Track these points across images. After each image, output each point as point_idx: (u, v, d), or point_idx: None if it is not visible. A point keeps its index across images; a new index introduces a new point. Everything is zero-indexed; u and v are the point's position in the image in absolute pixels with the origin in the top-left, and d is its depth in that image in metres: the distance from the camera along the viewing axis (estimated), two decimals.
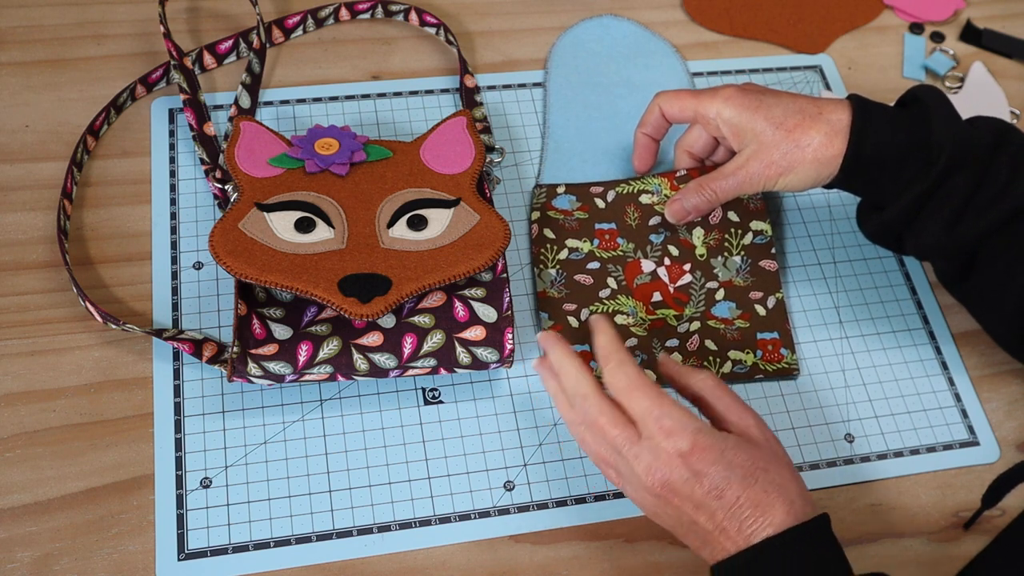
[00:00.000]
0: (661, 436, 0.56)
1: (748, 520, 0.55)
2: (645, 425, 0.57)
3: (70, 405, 0.65)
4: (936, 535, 0.67)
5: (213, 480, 0.63)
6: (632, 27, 0.88)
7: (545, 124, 0.81)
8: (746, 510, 0.55)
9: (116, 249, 0.71)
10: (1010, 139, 0.66)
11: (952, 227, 0.64)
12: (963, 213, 0.64)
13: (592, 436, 0.59)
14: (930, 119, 0.65)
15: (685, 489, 0.56)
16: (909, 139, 0.65)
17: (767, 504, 0.55)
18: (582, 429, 0.60)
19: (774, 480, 0.56)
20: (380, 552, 0.62)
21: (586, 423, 0.59)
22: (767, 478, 0.56)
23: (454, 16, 0.87)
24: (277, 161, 0.69)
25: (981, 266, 0.65)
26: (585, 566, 0.63)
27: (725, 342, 0.71)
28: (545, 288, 0.72)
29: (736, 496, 0.55)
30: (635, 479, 0.57)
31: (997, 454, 0.70)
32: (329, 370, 0.63)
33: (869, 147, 0.65)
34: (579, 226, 0.74)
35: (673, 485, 0.56)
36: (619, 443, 0.57)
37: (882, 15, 0.94)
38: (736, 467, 0.56)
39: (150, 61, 0.80)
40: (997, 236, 0.64)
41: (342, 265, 0.63)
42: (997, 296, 0.65)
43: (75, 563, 0.59)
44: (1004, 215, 0.64)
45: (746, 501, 0.55)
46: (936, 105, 0.66)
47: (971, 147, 0.64)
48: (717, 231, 0.75)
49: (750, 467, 0.56)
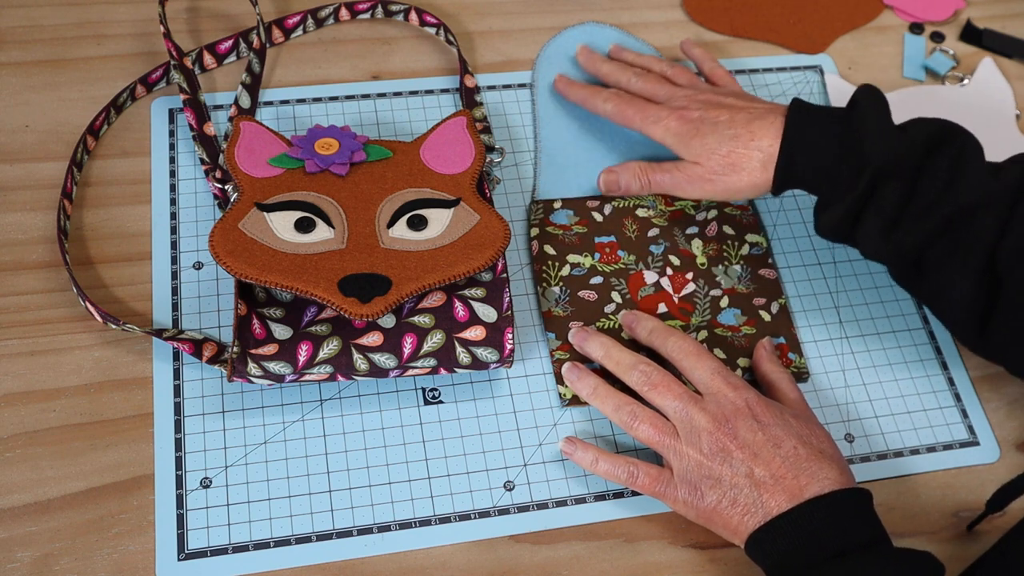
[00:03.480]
0: (728, 388, 0.63)
1: (806, 470, 0.59)
2: (712, 382, 0.63)
3: (70, 405, 0.65)
4: (936, 535, 0.67)
5: (213, 480, 0.63)
6: (615, 33, 0.87)
7: (536, 138, 0.80)
8: (803, 461, 0.60)
9: (116, 249, 0.71)
10: (950, 141, 0.65)
11: (889, 234, 0.64)
12: (899, 220, 0.64)
13: (658, 395, 0.63)
14: (861, 127, 0.65)
15: (749, 435, 0.61)
16: (840, 149, 0.66)
17: (822, 462, 0.60)
18: (632, 408, 0.64)
19: (826, 450, 0.61)
20: (380, 552, 0.62)
21: (650, 384, 0.64)
22: (821, 445, 0.61)
23: (454, 16, 0.87)
24: (277, 161, 0.69)
25: (927, 271, 0.65)
26: (585, 566, 0.63)
27: (734, 349, 0.71)
28: (550, 307, 0.71)
29: (794, 446, 0.60)
30: (697, 434, 0.61)
31: (997, 454, 0.70)
32: (329, 370, 0.63)
33: (800, 164, 0.68)
34: (579, 241, 0.74)
35: (737, 430, 0.61)
36: (686, 397, 0.63)
37: (882, 15, 0.94)
38: (794, 427, 0.62)
39: (150, 61, 0.80)
40: (938, 241, 0.64)
41: (342, 265, 0.63)
42: (946, 299, 0.65)
43: (75, 563, 0.59)
44: (942, 221, 0.63)
45: (804, 453, 0.60)
46: (870, 111, 0.66)
47: (900, 155, 0.64)
48: (715, 243, 0.75)
49: (806, 433, 0.62)
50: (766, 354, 0.69)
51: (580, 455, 0.64)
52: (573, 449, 0.65)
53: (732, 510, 0.60)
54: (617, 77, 0.79)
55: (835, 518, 0.58)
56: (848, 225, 0.66)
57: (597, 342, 0.68)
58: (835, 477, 0.59)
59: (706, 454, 0.61)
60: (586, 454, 0.64)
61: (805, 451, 0.60)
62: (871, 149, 0.64)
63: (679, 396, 0.63)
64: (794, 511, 0.58)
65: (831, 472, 0.59)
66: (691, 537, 0.64)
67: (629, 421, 0.63)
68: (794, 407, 0.66)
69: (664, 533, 0.64)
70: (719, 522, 0.61)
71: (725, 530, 0.61)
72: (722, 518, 0.60)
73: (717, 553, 0.64)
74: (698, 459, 0.61)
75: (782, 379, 0.68)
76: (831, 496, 0.58)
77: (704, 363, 0.64)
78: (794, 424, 0.62)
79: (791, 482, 0.59)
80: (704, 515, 0.61)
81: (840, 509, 0.58)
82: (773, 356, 0.69)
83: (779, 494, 0.59)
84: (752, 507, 0.59)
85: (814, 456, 0.60)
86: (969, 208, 0.63)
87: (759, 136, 0.69)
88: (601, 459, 0.64)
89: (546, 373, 0.69)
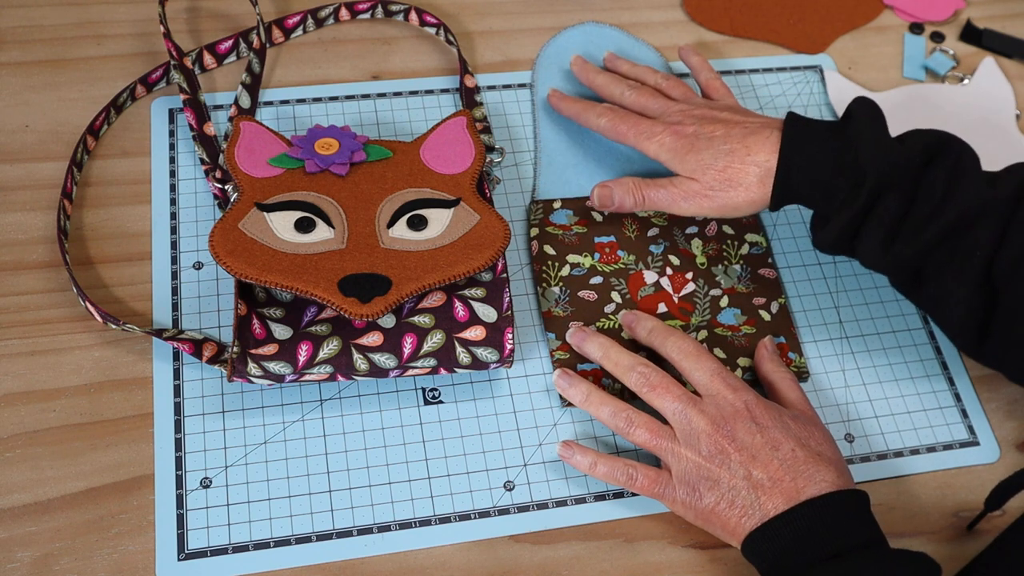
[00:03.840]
0: (728, 390, 0.63)
1: (803, 473, 0.59)
2: (711, 384, 0.63)
3: (70, 405, 0.65)
4: (936, 535, 0.67)
5: (213, 480, 0.63)
6: (614, 33, 0.87)
7: (536, 138, 0.80)
8: (801, 464, 0.60)
9: (116, 249, 0.71)
10: (947, 151, 0.65)
11: (888, 246, 0.64)
12: (897, 233, 0.64)
13: (657, 396, 0.63)
14: (858, 139, 0.65)
15: (747, 438, 0.61)
16: (837, 163, 0.65)
17: (820, 464, 0.60)
18: (628, 414, 0.64)
19: (825, 452, 0.62)
20: (380, 552, 0.62)
21: (649, 386, 0.64)
22: (819, 448, 0.62)
23: (454, 16, 0.87)
24: (277, 161, 0.69)
25: (926, 280, 0.65)
26: (585, 566, 0.63)
27: (734, 349, 0.71)
28: (550, 308, 0.71)
29: (792, 449, 0.60)
30: (696, 436, 0.61)
31: (997, 454, 0.70)
32: (329, 370, 0.63)
33: (796, 178, 0.66)
34: (579, 241, 0.74)
35: (736, 432, 0.61)
36: (685, 399, 0.63)
37: (882, 15, 0.94)
38: (792, 430, 0.62)
39: (150, 61, 0.80)
40: (936, 251, 0.64)
41: (342, 265, 0.63)
42: (945, 308, 0.65)
43: (75, 563, 0.59)
44: (940, 232, 0.63)
45: (802, 455, 0.60)
46: (866, 123, 0.65)
47: (899, 167, 0.63)
48: (714, 242, 0.75)
49: (805, 435, 0.62)
50: (768, 354, 0.69)
51: (578, 459, 0.64)
52: (571, 453, 0.65)
53: (730, 511, 0.60)
54: (611, 90, 0.78)
55: (830, 519, 0.58)
56: (847, 238, 0.66)
57: (595, 343, 0.67)
58: (832, 479, 0.59)
59: (704, 456, 0.61)
60: (584, 457, 0.64)
61: (803, 453, 0.60)
62: (869, 162, 0.64)
63: (678, 398, 0.63)
64: (789, 512, 0.58)
65: (828, 474, 0.59)
66: (691, 537, 0.64)
67: (625, 427, 0.63)
68: (795, 408, 0.66)
69: (664, 533, 0.64)
70: (717, 523, 0.61)
71: (723, 531, 0.61)
72: (720, 519, 0.60)
73: (717, 553, 0.64)
74: (696, 461, 0.61)
75: (783, 379, 0.68)
76: (826, 498, 0.58)
77: (703, 364, 0.64)
78: (792, 426, 0.62)
79: (788, 484, 0.59)
80: (702, 516, 0.61)
81: (836, 511, 0.58)
82: (775, 356, 0.69)
83: (776, 496, 0.59)
84: (750, 508, 0.59)
85: (812, 458, 0.60)
86: (966, 218, 0.62)
87: (755, 151, 0.68)
88: (599, 462, 0.64)
89: (546, 373, 0.69)
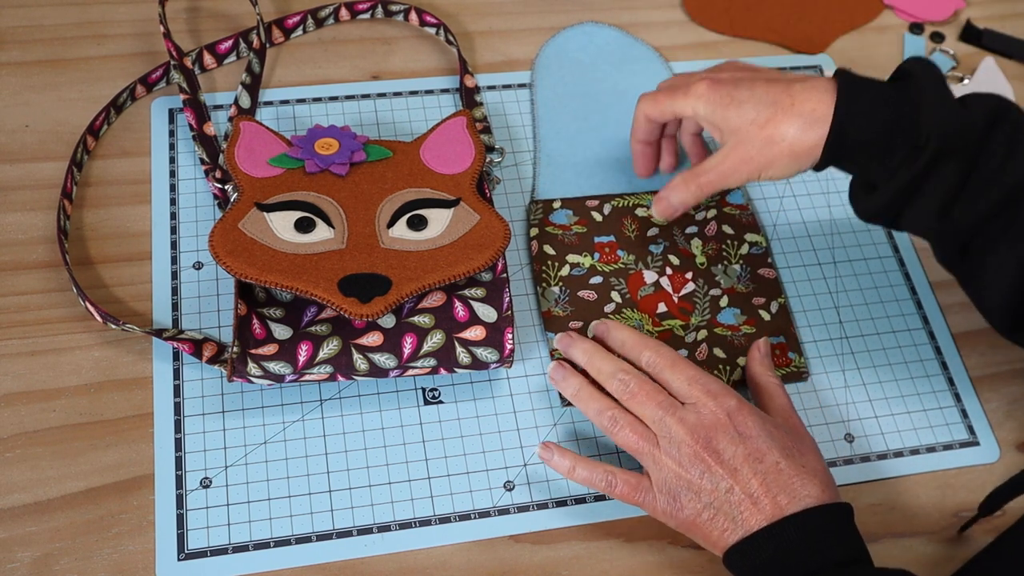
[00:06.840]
0: (708, 398, 0.60)
1: (786, 488, 0.57)
2: (691, 392, 0.61)
3: (70, 405, 0.65)
4: (936, 535, 0.67)
5: (213, 480, 0.63)
6: (614, 33, 0.87)
7: (536, 138, 0.80)
8: (784, 477, 0.58)
9: (116, 249, 0.71)
10: (1006, 116, 0.61)
11: (945, 214, 0.61)
12: (955, 199, 0.61)
13: (637, 404, 0.61)
14: (920, 99, 0.61)
15: (728, 449, 0.59)
16: (896, 122, 0.61)
17: (804, 478, 0.58)
18: (613, 413, 0.62)
19: (809, 463, 0.60)
20: (380, 552, 0.62)
21: (629, 393, 0.62)
22: (803, 459, 0.60)
23: (454, 16, 0.87)
24: (277, 161, 0.69)
25: (976, 249, 0.62)
26: (585, 566, 0.63)
27: (733, 349, 0.71)
28: (550, 307, 0.71)
29: (776, 461, 0.58)
30: (676, 446, 0.59)
31: (997, 454, 0.70)
32: (329, 370, 0.63)
33: (853, 133, 0.62)
34: (578, 240, 0.74)
35: (716, 444, 0.59)
36: (666, 406, 0.61)
37: (882, 15, 0.94)
38: (777, 439, 0.60)
39: (150, 61, 0.80)
40: (993, 220, 0.61)
41: (342, 265, 0.63)
42: (988, 282, 0.62)
43: (75, 563, 0.59)
44: (998, 199, 0.60)
45: (786, 468, 0.58)
46: (927, 83, 0.61)
47: (962, 131, 0.60)
48: (714, 242, 0.75)
49: (789, 445, 0.60)
50: (759, 356, 0.68)
51: (557, 461, 0.63)
52: (550, 455, 0.63)
53: (711, 524, 0.59)
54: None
55: (812, 537, 0.56)
56: (899, 204, 0.62)
57: (580, 348, 0.66)
58: (816, 494, 0.58)
59: (684, 466, 0.59)
60: (563, 460, 0.63)
61: (787, 465, 0.58)
62: (932, 124, 0.59)
63: (659, 404, 0.61)
64: (771, 528, 0.56)
65: (812, 488, 0.58)
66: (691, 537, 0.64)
67: (610, 426, 0.62)
68: (780, 414, 0.64)
69: (664, 533, 0.64)
70: (698, 533, 0.60)
71: (704, 541, 0.60)
72: (701, 530, 0.59)
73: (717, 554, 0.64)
74: (676, 470, 0.59)
75: (771, 384, 0.66)
76: (805, 514, 0.57)
77: (680, 373, 0.62)
78: (777, 436, 0.60)
79: (770, 499, 0.57)
80: (683, 525, 0.60)
81: (818, 527, 0.57)
82: (766, 360, 0.68)
83: (758, 511, 0.57)
84: (731, 523, 0.58)
85: (795, 471, 0.58)
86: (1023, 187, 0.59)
87: (801, 100, 0.63)
88: (579, 465, 0.62)
89: (546, 373, 0.69)
